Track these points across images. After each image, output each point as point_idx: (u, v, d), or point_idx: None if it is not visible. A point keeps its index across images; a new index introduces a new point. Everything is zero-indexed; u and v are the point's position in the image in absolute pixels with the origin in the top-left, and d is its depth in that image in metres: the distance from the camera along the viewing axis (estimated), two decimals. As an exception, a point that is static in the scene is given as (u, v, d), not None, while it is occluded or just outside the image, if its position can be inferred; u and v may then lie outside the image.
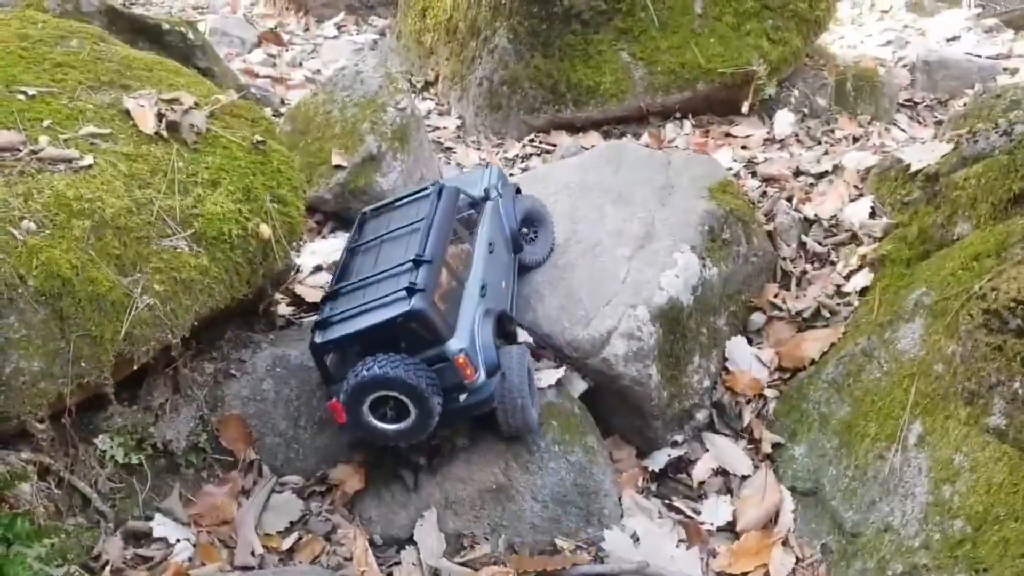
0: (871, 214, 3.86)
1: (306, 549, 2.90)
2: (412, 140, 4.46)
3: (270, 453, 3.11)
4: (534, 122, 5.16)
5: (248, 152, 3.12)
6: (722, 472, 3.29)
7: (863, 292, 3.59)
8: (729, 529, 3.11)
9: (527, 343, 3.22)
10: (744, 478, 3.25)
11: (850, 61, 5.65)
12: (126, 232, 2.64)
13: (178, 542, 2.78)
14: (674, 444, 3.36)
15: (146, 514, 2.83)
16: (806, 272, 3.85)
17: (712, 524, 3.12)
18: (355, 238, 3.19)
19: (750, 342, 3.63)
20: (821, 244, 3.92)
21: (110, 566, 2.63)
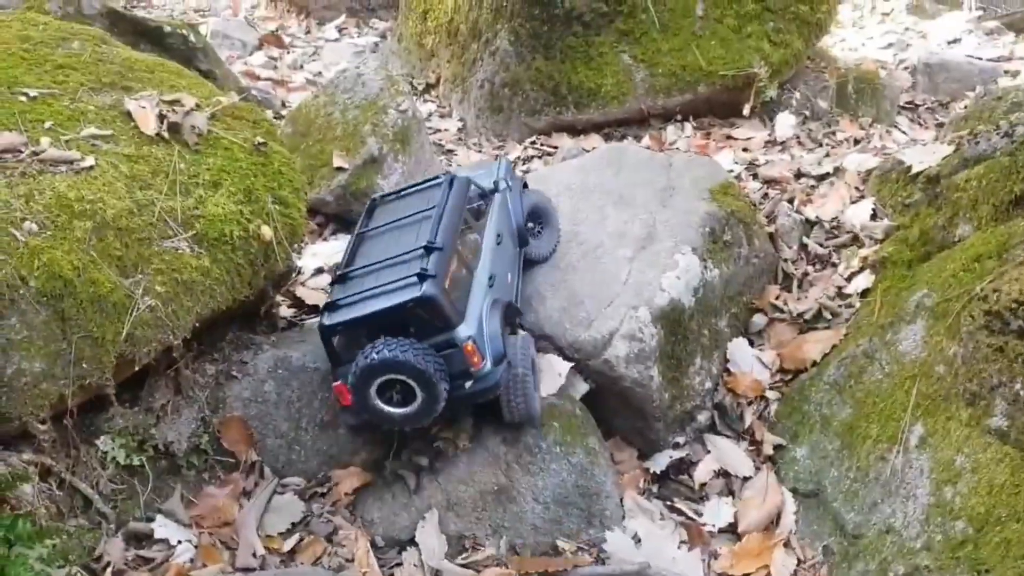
0: (872, 216, 3.86)
1: (308, 550, 2.91)
2: (413, 142, 4.47)
3: (271, 454, 3.11)
4: (535, 124, 5.16)
5: (249, 154, 3.13)
6: (724, 474, 3.29)
7: (864, 294, 3.59)
8: (731, 531, 3.11)
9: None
10: (746, 479, 3.25)
11: (851, 63, 5.65)
12: (127, 233, 2.65)
13: (179, 543, 2.78)
14: (675, 446, 3.36)
15: (147, 515, 2.84)
16: (807, 274, 3.85)
17: (714, 526, 3.12)
18: (365, 224, 3.20)
19: (751, 344, 3.63)
20: (822, 246, 3.92)
21: (111, 567, 2.63)
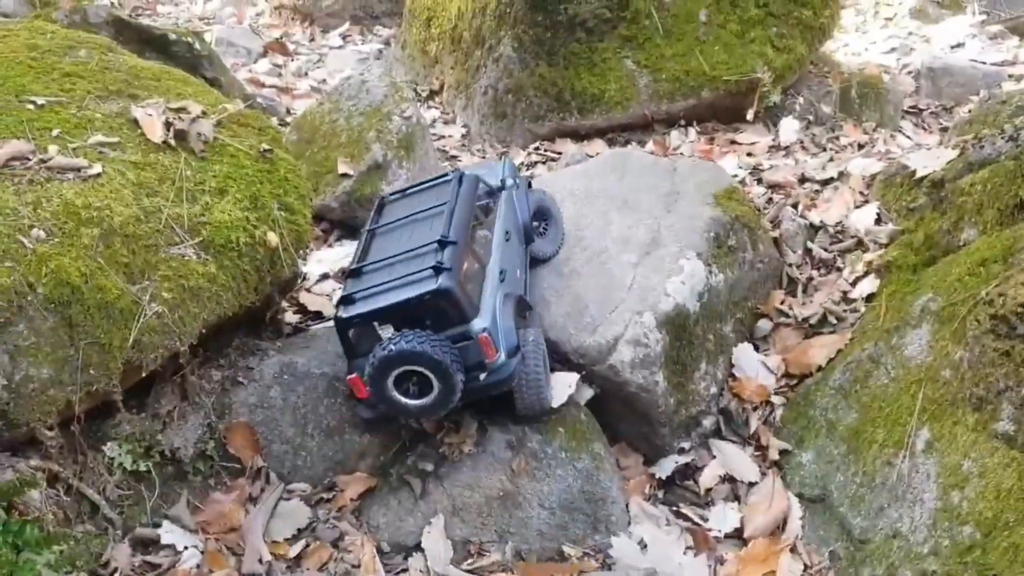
0: (877, 220, 3.86)
1: (314, 556, 2.91)
2: (418, 148, 4.49)
3: (277, 460, 3.11)
4: (539, 130, 5.17)
5: (255, 161, 3.14)
6: (729, 479, 3.29)
7: (869, 298, 3.58)
8: (737, 536, 3.10)
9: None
10: (751, 485, 3.24)
11: (855, 68, 5.67)
12: (134, 240, 2.66)
13: (186, 549, 2.78)
14: (681, 451, 3.36)
15: (154, 521, 2.84)
16: (812, 278, 3.84)
17: (720, 531, 3.11)
18: (375, 220, 3.22)
19: (757, 349, 3.63)
20: (827, 250, 3.92)
21: (118, 573, 2.63)
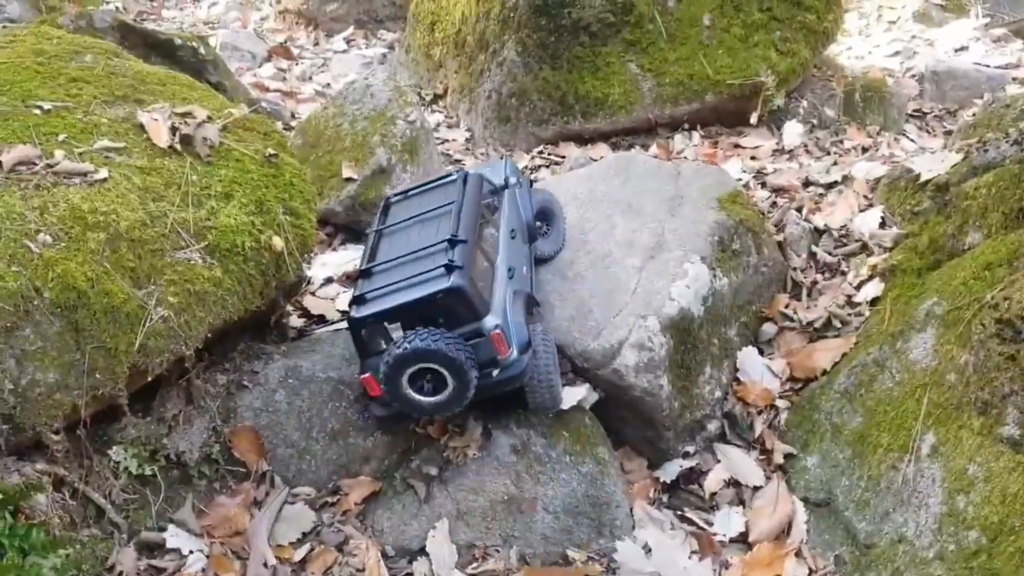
0: (881, 224, 3.86)
1: (318, 560, 2.90)
2: (422, 152, 4.49)
3: (282, 464, 3.12)
4: (542, 134, 5.18)
5: (260, 165, 3.15)
6: (734, 483, 3.28)
7: (874, 302, 3.58)
8: (741, 540, 3.09)
9: None
10: (756, 489, 3.23)
11: (858, 72, 5.66)
12: (140, 245, 2.67)
13: (191, 553, 2.79)
14: (685, 455, 3.35)
15: (159, 525, 2.85)
16: (816, 282, 3.84)
17: (724, 535, 3.10)
18: (381, 221, 3.24)
19: (761, 352, 3.62)
20: (831, 254, 3.91)
21: (124, 577, 2.64)
